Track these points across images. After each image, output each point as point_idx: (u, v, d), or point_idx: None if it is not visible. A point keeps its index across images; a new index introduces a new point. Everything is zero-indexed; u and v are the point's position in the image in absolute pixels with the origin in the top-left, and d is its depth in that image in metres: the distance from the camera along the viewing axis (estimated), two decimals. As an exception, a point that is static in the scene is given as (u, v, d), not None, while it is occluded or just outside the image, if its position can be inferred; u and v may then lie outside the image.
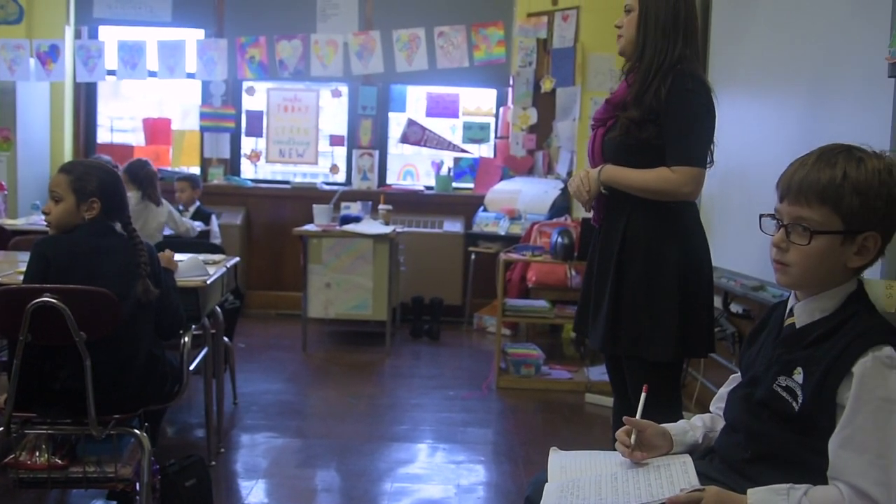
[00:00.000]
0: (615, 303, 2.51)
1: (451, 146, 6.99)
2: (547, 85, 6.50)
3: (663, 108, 2.37)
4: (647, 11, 2.43)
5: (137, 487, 2.64)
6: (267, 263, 6.80)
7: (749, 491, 1.44)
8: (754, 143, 3.25)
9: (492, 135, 7.07)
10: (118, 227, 2.74)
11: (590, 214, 2.72)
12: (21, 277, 2.92)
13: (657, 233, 2.47)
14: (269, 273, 6.80)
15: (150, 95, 7.22)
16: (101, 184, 2.69)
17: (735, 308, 3.49)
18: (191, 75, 6.05)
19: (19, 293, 2.46)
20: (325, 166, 7.11)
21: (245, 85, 6.89)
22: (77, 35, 6.64)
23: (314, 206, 5.57)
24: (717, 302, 3.64)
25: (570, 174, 6.07)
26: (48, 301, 2.41)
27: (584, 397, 4.55)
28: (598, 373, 4.85)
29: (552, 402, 4.48)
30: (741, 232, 3.32)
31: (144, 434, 2.63)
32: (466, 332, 6.32)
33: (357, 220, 5.56)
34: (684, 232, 2.51)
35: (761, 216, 1.57)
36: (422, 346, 5.82)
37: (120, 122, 7.29)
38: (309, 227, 5.44)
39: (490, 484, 3.35)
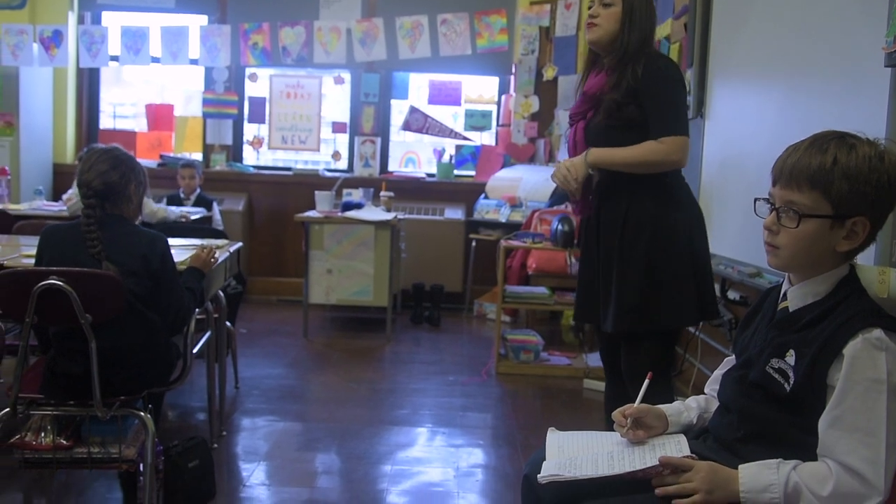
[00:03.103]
0: (628, 281, 2.57)
1: (452, 134, 7.01)
2: (549, 73, 6.51)
3: (641, 88, 2.53)
4: (632, 9, 2.58)
5: (141, 468, 2.68)
6: (268, 250, 6.83)
7: (740, 466, 1.49)
8: (752, 132, 3.27)
9: (493, 122, 7.09)
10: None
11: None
12: (25, 261, 2.96)
13: (660, 205, 2.59)
14: (271, 259, 6.83)
15: (153, 81, 7.24)
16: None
17: (732, 295, 3.51)
18: (194, 61, 6.06)
19: (25, 276, 2.49)
20: (328, 153, 7.14)
21: (248, 71, 6.91)
22: (80, 20, 6.65)
23: (316, 192, 5.59)
24: (715, 289, 3.67)
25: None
26: (54, 283, 2.44)
27: (583, 383, 4.59)
28: (597, 359, 4.86)
29: (551, 388, 4.52)
30: (739, 219, 3.34)
31: (148, 416, 2.67)
32: (466, 319, 6.36)
33: (359, 206, 5.59)
34: (684, 201, 2.65)
35: (756, 200, 1.60)
36: (422, 332, 5.86)
37: (122, 108, 7.31)
38: (311, 214, 5.46)
39: (488, 467, 3.39)
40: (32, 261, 2.80)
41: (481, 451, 3.57)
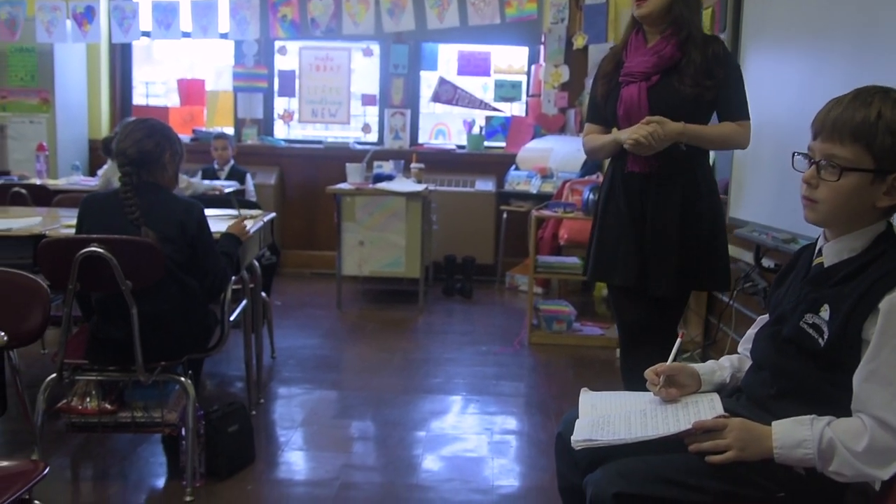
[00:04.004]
0: (684, 249, 2.76)
1: (482, 105, 6.99)
2: (579, 42, 6.46)
3: (721, 72, 2.69)
4: None
5: (183, 432, 2.75)
6: (301, 223, 6.88)
7: (774, 422, 1.49)
8: (787, 97, 3.23)
9: (523, 93, 7.06)
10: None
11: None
12: (65, 231, 3.04)
13: (709, 183, 2.82)
14: (303, 233, 6.89)
15: (183, 57, 7.28)
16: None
17: (766, 262, 3.49)
18: (224, 35, 6.09)
19: (67, 244, 2.56)
20: (357, 126, 7.15)
21: (277, 45, 6.93)
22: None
23: (347, 164, 5.62)
24: (749, 257, 3.65)
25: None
26: (95, 251, 2.50)
27: (616, 353, 4.58)
28: (630, 328, 4.88)
29: (583, 358, 4.53)
30: (772, 185, 3.31)
31: (189, 381, 2.73)
32: (498, 291, 6.38)
33: (390, 178, 5.61)
34: (716, 184, 2.91)
35: (794, 154, 1.59)
36: (454, 304, 5.89)
37: (153, 86, 7.37)
38: (342, 186, 5.49)
39: (522, 433, 3.42)
40: (72, 230, 2.86)
41: (514, 418, 3.60)
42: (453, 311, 5.64)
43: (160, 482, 2.90)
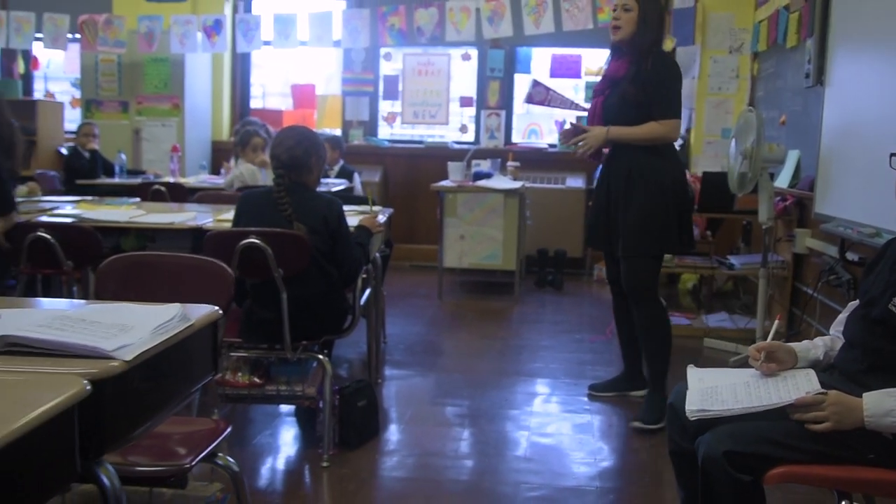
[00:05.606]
0: (630, 218, 3.42)
1: (573, 105, 7.18)
2: (667, 44, 6.60)
3: (649, 79, 3.35)
4: (645, 15, 3.36)
5: (321, 405, 3.10)
6: (402, 218, 7.21)
7: (864, 394, 1.72)
8: (875, 97, 3.34)
9: (613, 94, 7.24)
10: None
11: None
12: (213, 224, 3.44)
13: (653, 162, 3.42)
14: (404, 227, 7.21)
15: (296, 64, 7.74)
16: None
17: (851, 256, 3.61)
18: (337, 43, 6.50)
19: (230, 236, 2.95)
20: (455, 126, 7.49)
21: (382, 51, 7.33)
22: (234, 9, 7.22)
23: (449, 163, 5.94)
24: (834, 251, 3.79)
25: (688, 130, 6.31)
26: (253, 242, 2.88)
27: (703, 342, 4.79)
28: (716, 319, 5.09)
29: (673, 346, 4.72)
30: (858, 182, 3.43)
31: (327, 358, 3.09)
32: (587, 283, 6.64)
33: (488, 176, 5.91)
34: (670, 159, 3.50)
35: (892, 155, 1.81)
36: (546, 295, 6.17)
37: (264, 89, 7.87)
38: (445, 183, 5.83)
39: (618, 414, 3.67)
40: (221, 224, 3.25)
41: (611, 401, 3.84)
42: (545, 302, 5.92)
43: (298, 450, 3.27)
